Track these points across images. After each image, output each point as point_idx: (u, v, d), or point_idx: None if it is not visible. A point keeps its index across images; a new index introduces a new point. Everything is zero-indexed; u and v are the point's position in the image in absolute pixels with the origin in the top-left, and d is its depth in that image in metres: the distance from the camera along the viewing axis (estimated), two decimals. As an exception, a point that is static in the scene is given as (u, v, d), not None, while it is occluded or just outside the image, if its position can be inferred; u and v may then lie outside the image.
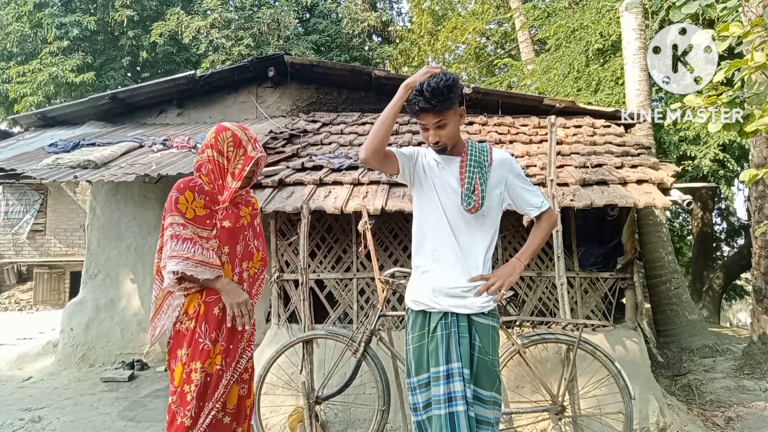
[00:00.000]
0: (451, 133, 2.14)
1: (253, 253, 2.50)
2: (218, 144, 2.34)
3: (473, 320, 2.14)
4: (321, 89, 6.74)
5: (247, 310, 2.34)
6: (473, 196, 2.15)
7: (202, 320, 2.31)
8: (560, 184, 4.17)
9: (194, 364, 2.29)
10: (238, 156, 2.35)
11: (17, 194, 12.20)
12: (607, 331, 4.16)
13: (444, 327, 2.13)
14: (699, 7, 2.89)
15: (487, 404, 2.10)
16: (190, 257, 2.23)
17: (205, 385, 2.28)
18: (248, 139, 2.38)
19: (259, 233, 2.58)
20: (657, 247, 6.09)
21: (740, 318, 20.15)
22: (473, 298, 2.13)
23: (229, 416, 2.37)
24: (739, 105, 2.95)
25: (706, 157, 6.91)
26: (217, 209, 2.36)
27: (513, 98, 6.15)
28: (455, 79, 2.07)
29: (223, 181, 2.37)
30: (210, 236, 2.32)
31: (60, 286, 11.49)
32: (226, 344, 2.33)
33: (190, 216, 2.30)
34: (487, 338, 2.13)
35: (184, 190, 2.31)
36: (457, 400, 2.05)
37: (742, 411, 4.16)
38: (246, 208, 2.51)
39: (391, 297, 4.32)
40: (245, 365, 2.43)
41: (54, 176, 4.70)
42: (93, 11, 13.35)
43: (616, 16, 7.73)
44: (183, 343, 2.33)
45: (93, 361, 5.81)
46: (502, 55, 14.22)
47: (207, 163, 2.37)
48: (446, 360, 2.09)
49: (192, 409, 2.26)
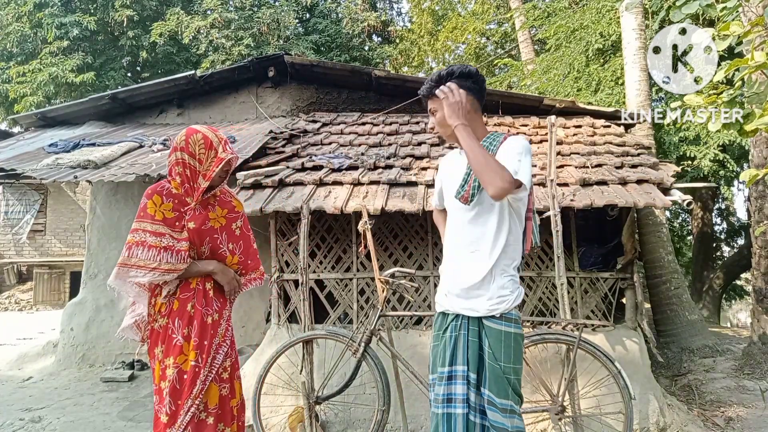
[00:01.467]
0: (440, 120, 2.11)
1: (225, 255, 2.49)
2: (189, 146, 2.36)
3: (484, 324, 2.06)
4: (321, 89, 6.75)
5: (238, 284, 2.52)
6: (465, 185, 2.08)
7: (175, 316, 2.36)
8: (560, 184, 4.17)
9: (168, 360, 2.32)
10: (209, 158, 2.37)
11: (17, 194, 12.20)
12: (607, 331, 4.16)
13: (453, 329, 2.11)
14: (699, 7, 2.89)
15: (501, 412, 1.99)
16: (157, 267, 2.30)
17: (180, 381, 2.29)
18: (219, 140, 2.40)
19: (239, 237, 2.55)
20: (657, 247, 6.09)
21: (740, 318, 20.16)
22: (479, 300, 2.06)
23: (213, 416, 2.35)
24: (739, 104, 2.95)
25: (706, 157, 6.91)
26: (185, 210, 2.40)
27: (513, 98, 6.15)
28: (457, 69, 2.08)
29: (194, 183, 2.39)
30: (181, 237, 2.37)
31: (60, 286, 11.49)
32: (199, 340, 2.34)
33: (160, 218, 2.36)
34: (497, 344, 2.02)
35: (152, 195, 2.39)
36: (456, 402, 2.03)
37: (742, 411, 4.16)
38: (221, 209, 2.51)
39: (391, 297, 4.32)
40: (223, 363, 2.42)
41: (54, 176, 4.70)
42: (93, 11, 13.35)
43: (616, 16, 7.73)
44: (158, 340, 2.37)
45: (93, 361, 5.81)
46: (502, 55, 14.22)
47: (176, 166, 2.39)
48: (450, 362, 2.07)
49: (167, 405, 2.28)
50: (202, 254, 2.44)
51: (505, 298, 2.05)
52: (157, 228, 2.34)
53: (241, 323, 5.70)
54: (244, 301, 5.51)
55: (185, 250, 2.35)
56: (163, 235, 2.34)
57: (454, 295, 2.12)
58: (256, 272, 2.65)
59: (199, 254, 2.43)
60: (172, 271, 2.32)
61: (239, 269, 2.56)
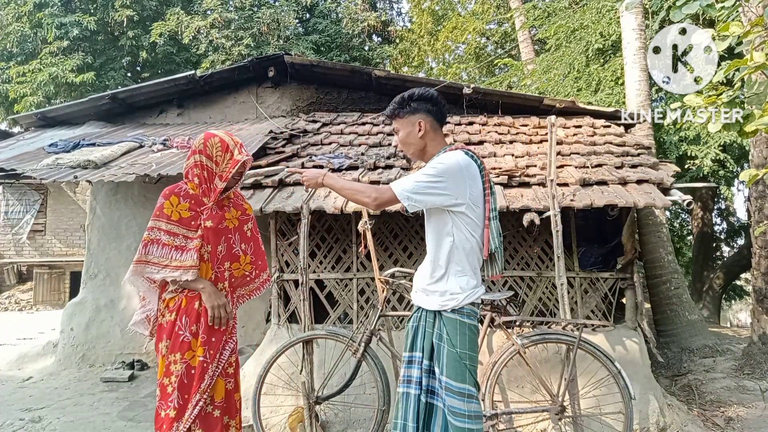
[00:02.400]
0: (402, 139, 2.37)
1: (238, 255, 2.64)
2: (207, 149, 2.50)
3: (442, 315, 2.26)
4: (321, 89, 6.74)
5: (226, 312, 2.49)
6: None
7: (182, 313, 2.44)
8: (560, 184, 4.17)
9: (173, 356, 2.39)
10: (226, 160, 2.51)
11: (17, 194, 12.20)
12: (607, 331, 4.16)
13: (415, 320, 2.36)
14: (699, 7, 2.89)
15: (458, 396, 2.18)
16: (168, 264, 2.42)
17: (188, 376, 2.38)
18: (234, 144, 2.54)
19: (250, 238, 2.71)
20: (657, 247, 6.09)
21: (740, 318, 20.16)
22: (433, 296, 2.28)
23: (219, 410, 2.44)
24: (739, 105, 2.95)
25: (708, 157, 6.91)
26: (201, 210, 2.52)
27: (513, 98, 6.15)
28: (417, 92, 2.31)
29: (211, 184, 2.52)
30: (195, 236, 2.48)
31: (60, 286, 11.49)
32: (207, 336, 2.44)
33: (176, 218, 2.48)
34: (454, 331, 2.22)
35: (170, 196, 2.51)
36: (412, 383, 2.28)
37: (743, 411, 4.16)
38: (235, 211, 2.65)
39: (391, 297, 4.32)
40: (229, 359, 2.52)
41: (54, 176, 4.70)
42: (93, 11, 13.35)
43: (616, 16, 7.73)
44: (163, 335, 2.44)
45: (93, 361, 5.81)
46: (502, 55, 14.22)
47: (194, 168, 2.52)
48: (410, 348, 2.33)
49: (175, 400, 2.35)
50: (218, 253, 2.54)
51: (456, 296, 2.24)
52: (172, 228, 2.47)
53: (241, 323, 5.70)
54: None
55: (195, 249, 2.45)
56: (177, 236, 2.47)
57: (416, 290, 2.38)
58: (260, 279, 2.77)
59: (215, 253, 2.53)
60: (180, 269, 2.42)
61: (252, 269, 2.71)
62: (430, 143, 2.34)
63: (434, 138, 2.35)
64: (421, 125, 2.31)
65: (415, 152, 2.38)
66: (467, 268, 2.28)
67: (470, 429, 2.16)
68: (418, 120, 2.31)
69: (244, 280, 2.71)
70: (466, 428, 2.15)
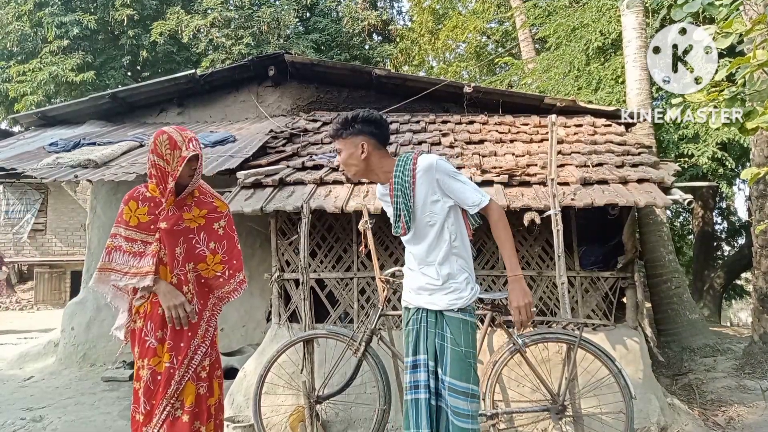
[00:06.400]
0: (343, 160, 2.35)
1: (204, 255, 2.49)
2: (157, 148, 2.39)
3: (445, 315, 2.26)
4: (321, 88, 6.73)
5: (185, 311, 2.39)
6: (399, 223, 2.33)
7: (148, 319, 2.41)
8: (561, 184, 4.16)
9: (141, 361, 2.39)
10: (175, 158, 2.38)
11: (18, 194, 12.21)
12: (608, 330, 4.15)
13: (415, 322, 2.34)
14: (701, 6, 2.88)
15: (462, 396, 2.17)
16: (128, 271, 2.39)
17: (154, 382, 2.36)
18: (183, 139, 2.40)
19: (222, 236, 2.55)
20: (658, 247, 6.08)
21: (741, 317, 20.14)
22: (440, 296, 2.27)
23: (188, 415, 2.37)
24: (740, 102, 2.94)
25: (705, 154, 6.89)
26: (158, 212, 2.43)
27: (513, 97, 6.14)
28: (361, 114, 2.32)
29: (166, 184, 2.41)
30: (154, 240, 2.41)
31: (61, 285, 11.51)
32: (174, 342, 2.39)
33: (134, 223, 2.42)
34: (458, 330, 2.23)
35: (128, 201, 2.45)
36: (420, 388, 2.25)
37: (743, 410, 4.16)
38: (198, 210, 2.50)
39: (392, 296, 4.32)
40: (202, 363, 2.44)
41: (54, 175, 4.70)
42: (93, 10, 13.35)
43: (616, 14, 7.71)
44: (135, 341, 2.44)
45: (94, 361, 5.81)
46: (502, 54, 14.21)
47: (151, 168, 2.43)
48: (414, 351, 2.31)
49: (142, 405, 2.35)
50: (177, 255, 2.43)
51: (462, 295, 2.26)
52: (130, 233, 2.42)
53: (242, 323, 5.70)
54: (245, 301, 5.51)
55: (152, 254, 2.39)
56: (135, 241, 2.42)
57: (416, 292, 2.35)
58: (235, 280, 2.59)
59: (173, 255, 2.42)
60: (138, 275, 2.38)
61: (224, 269, 2.55)
62: (375, 163, 2.34)
63: (380, 158, 2.35)
64: (363, 147, 2.30)
65: (357, 173, 2.38)
66: (467, 262, 2.34)
67: (473, 429, 2.16)
68: (361, 142, 2.30)
69: (216, 281, 2.54)
70: (469, 429, 2.15)
